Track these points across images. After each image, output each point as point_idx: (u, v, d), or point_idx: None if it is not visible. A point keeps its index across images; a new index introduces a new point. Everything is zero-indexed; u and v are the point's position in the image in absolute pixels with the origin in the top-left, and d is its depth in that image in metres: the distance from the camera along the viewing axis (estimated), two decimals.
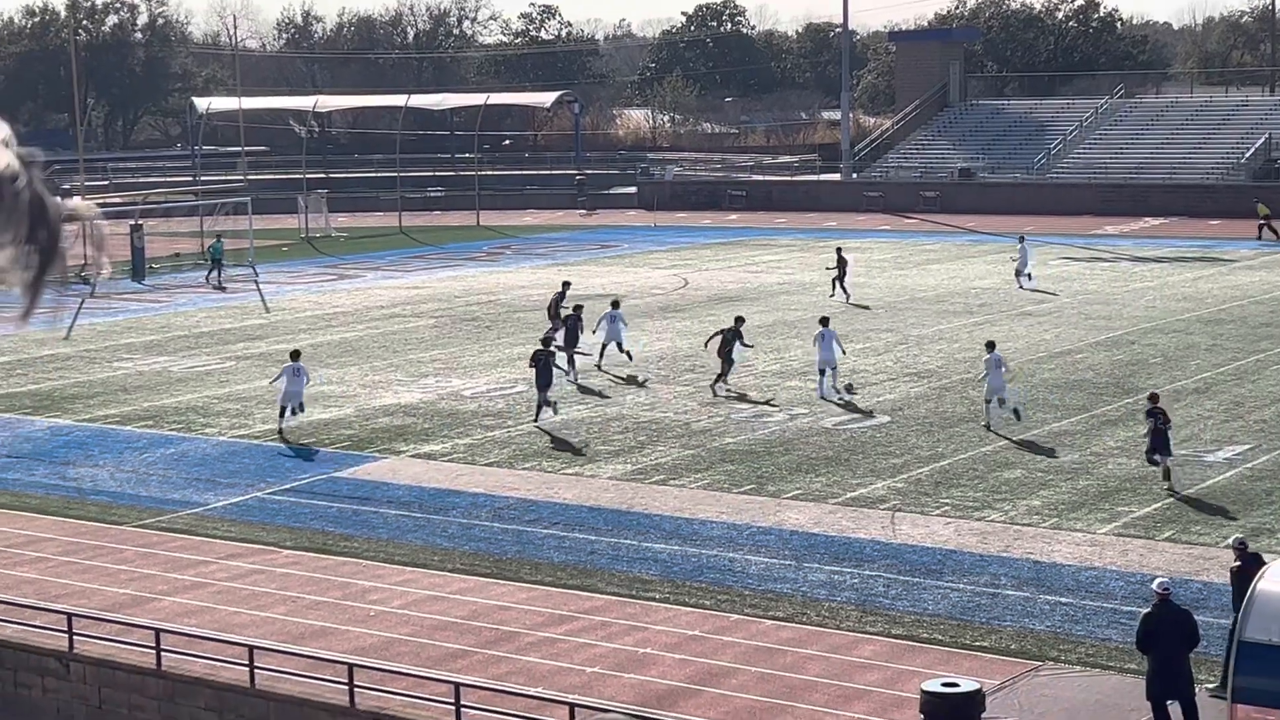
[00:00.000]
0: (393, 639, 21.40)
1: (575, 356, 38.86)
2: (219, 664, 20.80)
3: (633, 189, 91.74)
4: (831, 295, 50.54)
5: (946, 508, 26.67)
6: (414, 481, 29.36)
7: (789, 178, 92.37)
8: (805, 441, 31.53)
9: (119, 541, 26.29)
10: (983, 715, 17.43)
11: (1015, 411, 32.02)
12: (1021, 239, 55.27)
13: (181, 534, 26.59)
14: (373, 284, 50.33)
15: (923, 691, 17.44)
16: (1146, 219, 75.45)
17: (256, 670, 20.28)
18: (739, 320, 37.70)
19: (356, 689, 19.60)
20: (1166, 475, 27.50)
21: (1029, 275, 53.17)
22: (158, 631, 21.20)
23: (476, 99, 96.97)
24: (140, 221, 63.25)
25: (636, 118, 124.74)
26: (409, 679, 19.83)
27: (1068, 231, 70.25)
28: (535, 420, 33.55)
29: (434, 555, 24.99)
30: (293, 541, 25.94)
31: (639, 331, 44.64)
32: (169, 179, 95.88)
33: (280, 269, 63.25)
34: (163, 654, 20.96)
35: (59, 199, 0.86)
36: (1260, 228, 66.70)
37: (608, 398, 36.25)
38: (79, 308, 49.95)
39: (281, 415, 33.72)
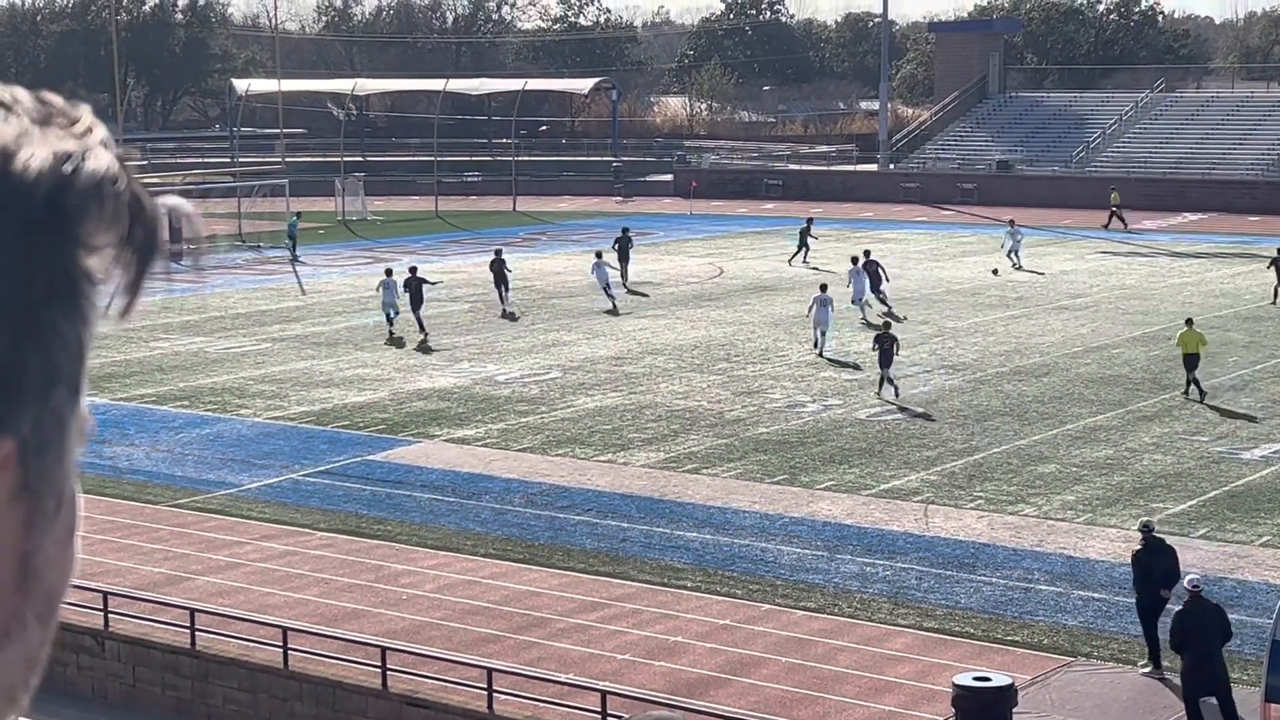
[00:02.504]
0: (425, 623, 21.48)
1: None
2: (253, 645, 20.92)
3: (669, 176, 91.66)
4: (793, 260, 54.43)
5: (980, 501, 26.61)
6: (447, 466, 29.43)
7: (826, 167, 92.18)
8: (838, 433, 31.49)
9: (154, 521, 26.44)
10: (1014, 710, 17.41)
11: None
12: (1011, 222, 56.16)
13: (216, 514, 26.73)
14: (408, 268, 50.38)
15: (954, 685, 17.42)
16: (1185, 214, 75.01)
17: (290, 651, 20.39)
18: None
19: (389, 672, 19.70)
20: (883, 384, 34.05)
21: (1016, 259, 54.58)
22: (192, 611, 21.33)
23: (514, 84, 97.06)
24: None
25: (674, 105, 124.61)
26: (441, 663, 19.91)
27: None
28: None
29: (467, 540, 25.06)
30: (326, 524, 26.05)
31: (675, 320, 44.64)
32: (207, 160, 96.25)
33: (317, 252, 63.45)
34: (197, 634, 21.09)
35: (155, 198, 0.86)
36: (1110, 216, 68.73)
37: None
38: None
39: (389, 321, 42.65)
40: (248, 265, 60.34)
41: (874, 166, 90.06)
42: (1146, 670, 19.49)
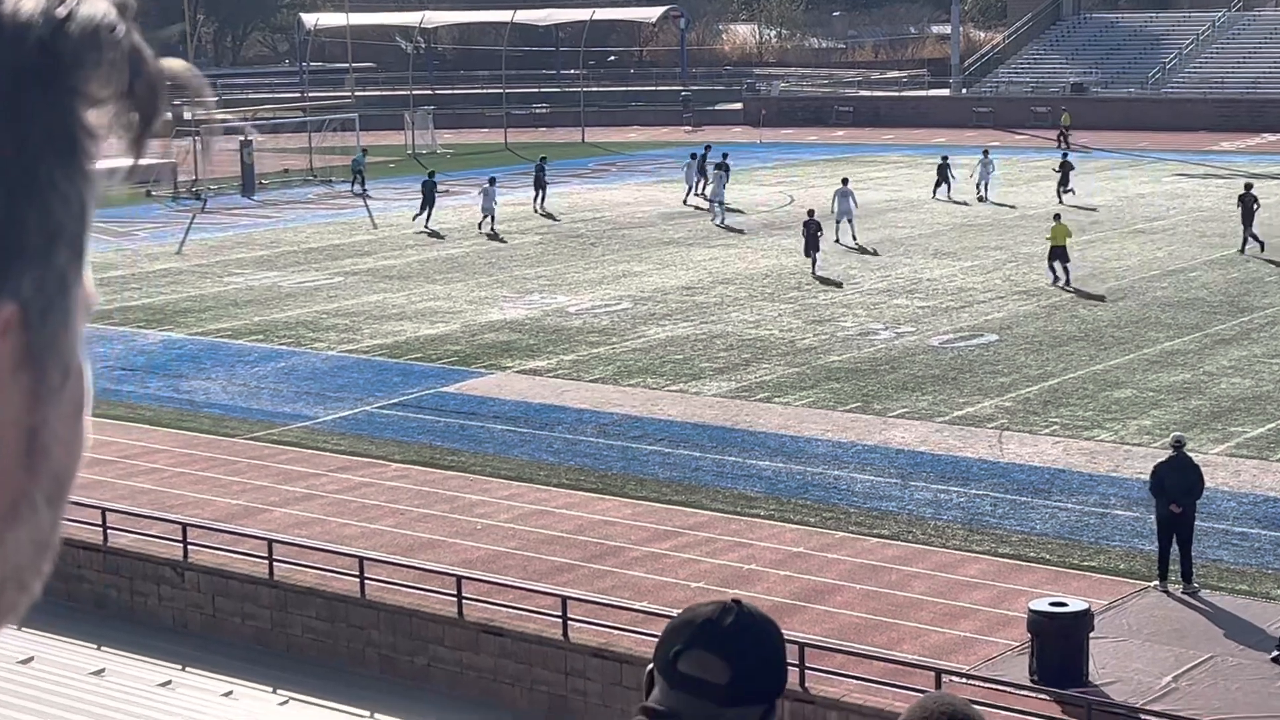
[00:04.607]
0: (500, 552, 21.62)
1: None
2: (330, 575, 21.15)
3: (738, 105, 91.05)
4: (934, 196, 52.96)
5: (1055, 427, 26.42)
6: (519, 397, 29.53)
7: (897, 93, 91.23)
8: (911, 360, 31.32)
9: (231, 453, 26.72)
10: (1091, 635, 17.35)
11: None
12: (985, 152, 54.84)
13: (292, 447, 26.97)
14: (478, 200, 50.42)
15: (1030, 611, 17.38)
16: (1264, 135, 73.74)
17: (367, 581, 20.59)
18: None
19: (465, 601, 19.85)
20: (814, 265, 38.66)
21: (984, 190, 53.06)
22: (270, 542, 21.57)
23: (582, 14, 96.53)
24: (249, 138, 63.78)
25: (743, 33, 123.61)
26: (516, 591, 20.06)
27: (1182, 148, 68.89)
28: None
29: (540, 470, 25.16)
30: (401, 455, 26.23)
31: (745, 249, 44.52)
32: (277, 95, 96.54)
33: (387, 185, 63.59)
34: (275, 564, 21.34)
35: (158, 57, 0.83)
36: (1059, 137, 69.23)
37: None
38: (190, 223, 50.57)
39: (483, 221, 48.53)
40: (320, 200, 60.59)
41: (946, 91, 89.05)
42: (1155, 586, 19.42)
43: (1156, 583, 19.54)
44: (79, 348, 0.86)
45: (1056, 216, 40.02)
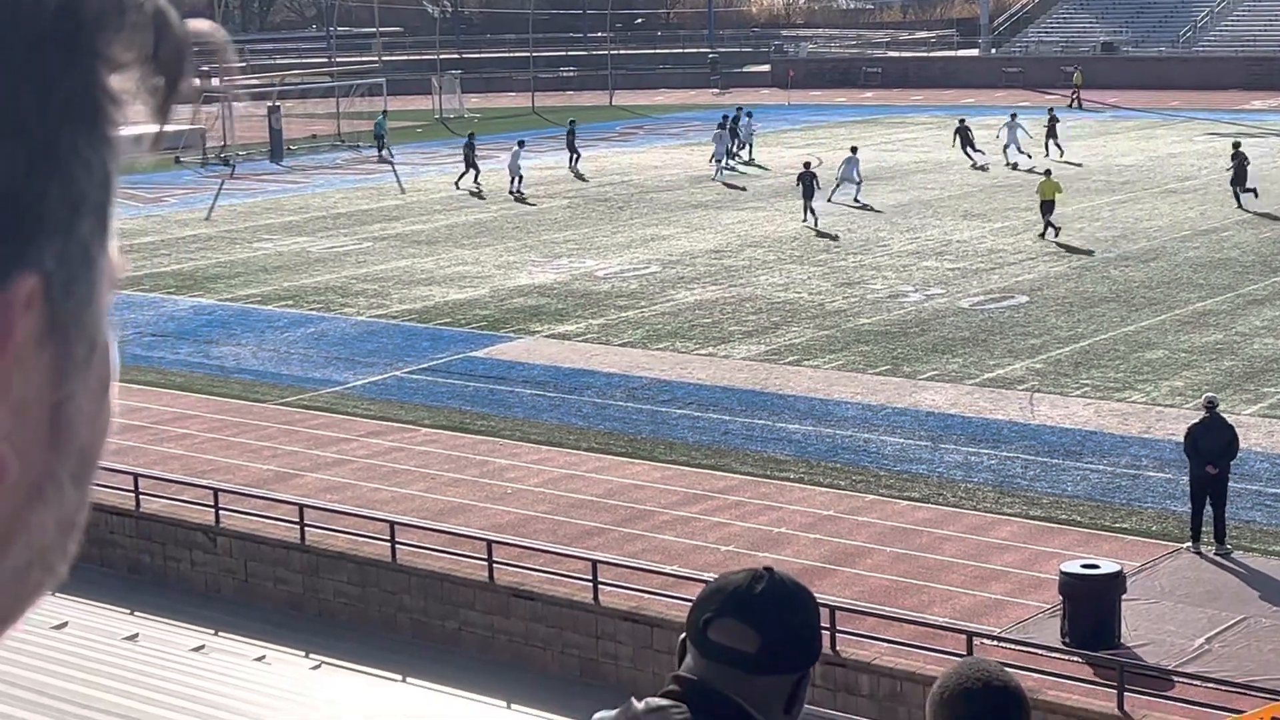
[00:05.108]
0: (530, 516, 21.66)
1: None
2: (361, 539, 21.22)
3: (766, 67, 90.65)
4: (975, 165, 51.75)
5: (1086, 388, 26.31)
6: (549, 361, 29.54)
7: (925, 54, 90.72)
8: (941, 322, 31.21)
9: (262, 419, 26.80)
10: (1123, 597, 17.30)
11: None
12: (1013, 116, 53.91)
13: (323, 412, 27.04)
14: (506, 165, 50.37)
15: (1062, 573, 17.33)
16: None
17: (398, 546, 20.66)
18: None
19: (495, 565, 19.90)
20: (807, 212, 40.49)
21: (1018, 156, 51.81)
22: (301, 507, 21.65)
23: None
24: (277, 103, 63.81)
25: None
26: (546, 555, 20.09)
27: (1213, 106, 68.38)
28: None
29: (569, 434, 25.17)
30: (431, 420, 26.27)
31: (774, 211, 44.40)
32: (305, 60, 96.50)
33: (415, 150, 63.57)
34: (306, 529, 21.42)
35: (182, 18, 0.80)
36: (1073, 95, 70.14)
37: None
38: (219, 189, 50.63)
39: (511, 182, 48.87)
40: (348, 165, 60.61)
41: (975, 52, 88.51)
42: (1188, 547, 19.35)
43: (1189, 544, 19.47)
44: (105, 322, 0.83)
45: (1047, 172, 40.84)
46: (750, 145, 55.73)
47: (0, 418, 0.75)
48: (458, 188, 51.32)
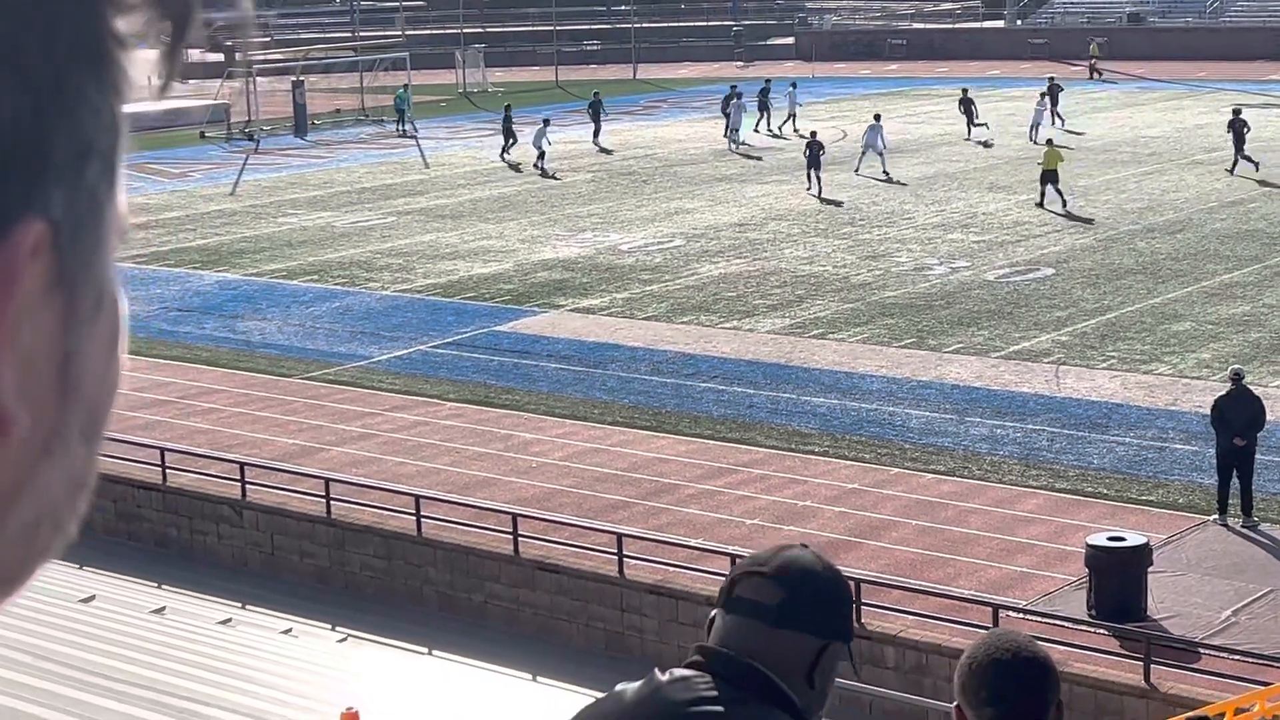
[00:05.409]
0: (555, 490, 21.68)
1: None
2: (386, 513, 21.28)
3: (790, 39, 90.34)
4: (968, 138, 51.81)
5: (1113, 361, 26.22)
6: (573, 335, 29.54)
7: (951, 25, 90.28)
8: (966, 295, 31.12)
9: (288, 393, 26.87)
10: (1149, 569, 17.26)
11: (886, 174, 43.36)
12: (1050, 79, 53.80)
13: (348, 386, 27.09)
14: (529, 139, 50.32)
15: (1088, 545, 17.30)
16: None
17: (423, 519, 20.70)
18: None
19: (520, 538, 19.94)
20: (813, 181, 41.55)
21: (1058, 118, 52.03)
22: (327, 481, 21.71)
23: None
24: (301, 78, 63.84)
25: None
26: (571, 529, 20.12)
27: (1240, 77, 67.92)
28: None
29: (594, 408, 25.18)
30: (455, 394, 26.30)
31: (798, 184, 44.28)
32: (328, 35, 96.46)
33: (438, 124, 63.55)
34: (332, 503, 21.48)
35: None
36: (1091, 67, 70.39)
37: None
38: (244, 164, 50.70)
39: (540, 158, 49.05)
40: (371, 139, 60.62)
41: (1000, 23, 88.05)
42: (1214, 519, 19.29)
43: (1216, 516, 19.41)
44: (113, 273, 0.82)
45: (1049, 141, 41.38)
46: (794, 117, 55.72)
47: (8, 369, 0.74)
48: (503, 159, 51.37)
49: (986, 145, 50.84)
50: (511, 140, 52.05)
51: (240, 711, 12.83)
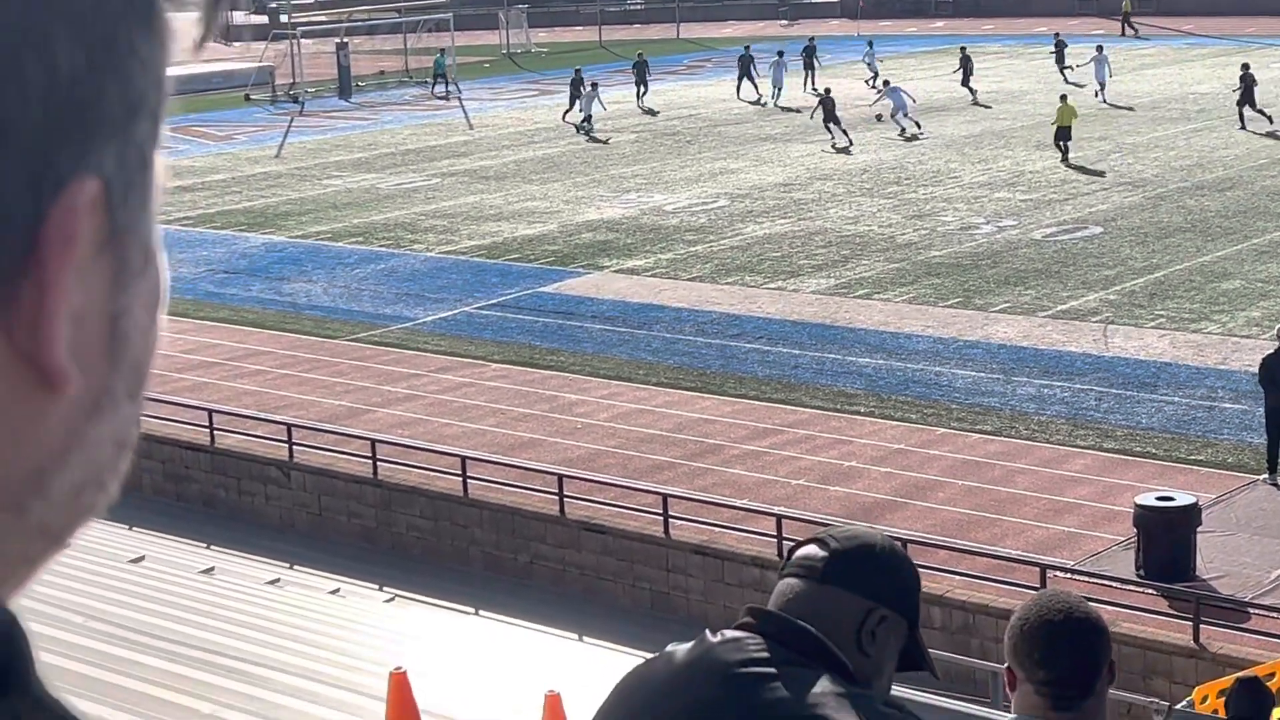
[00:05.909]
0: (600, 451, 21.70)
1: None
2: (433, 474, 21.35)
3: None
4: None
5: (1161, 320, 26.03)
6: (618, 296, 29.52)
7: None
8: (1013, 254, 30.92)
9: (334, 355, 26.97)
10: (1198, 529, 17.16)
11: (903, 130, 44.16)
12: (1099, 49, 52.54)
13: (394, 348, 27.17)
14: (579, 101, 50.24)
15: (1136, 505, 17.20)
16: None
17: (469, 480, 20.77)
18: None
19: (566, 499, 19.98)
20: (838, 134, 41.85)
21: (1100, 87, 50.49)
22: (373, 442, 21.79)
23: None
24: (345, 40, 63.86)
25: None
26: (617, 490, 20.15)
27: None
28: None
29: (639, 369, 25.18)
30: (500, 355, 26.34)
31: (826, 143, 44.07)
32: None
33: (482, 85, 63.49)
34: (379, 464, 21.57)
35: None
36: (1123, 22, 69.86)
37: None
38: (289, 126, 50.81)
39: (586, 122, 48.46)
40: (415, 101, 60.63)
41: None
42: (1264, 479, 19.15)
43: (1265, 476, 19.27)
44: (157, 230, 0.80)
45: (1063, 97, 41.42)
46: (876, 74, 55.68)
47: (61, 327, 0.73)
48: (581, 130, 49.23)
49: (987, 106, 50.46)
50: (576, 105, 50.31)
51: (289, 670, 12.92)
